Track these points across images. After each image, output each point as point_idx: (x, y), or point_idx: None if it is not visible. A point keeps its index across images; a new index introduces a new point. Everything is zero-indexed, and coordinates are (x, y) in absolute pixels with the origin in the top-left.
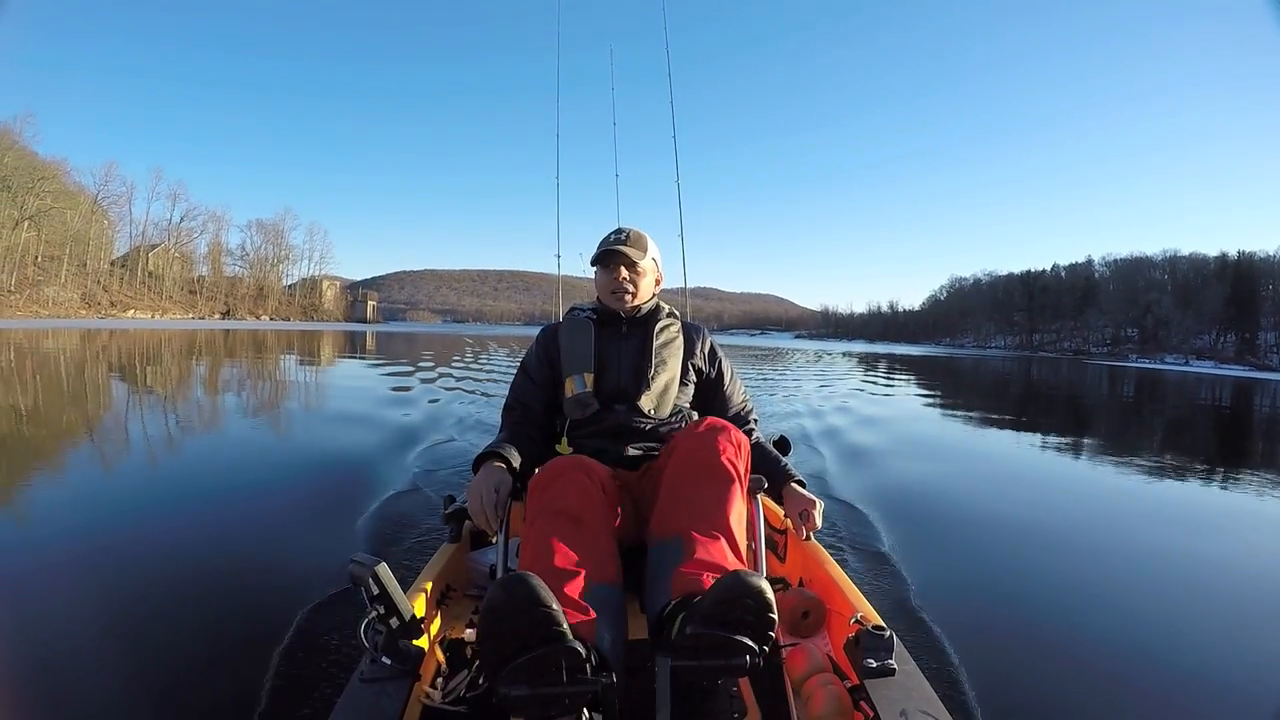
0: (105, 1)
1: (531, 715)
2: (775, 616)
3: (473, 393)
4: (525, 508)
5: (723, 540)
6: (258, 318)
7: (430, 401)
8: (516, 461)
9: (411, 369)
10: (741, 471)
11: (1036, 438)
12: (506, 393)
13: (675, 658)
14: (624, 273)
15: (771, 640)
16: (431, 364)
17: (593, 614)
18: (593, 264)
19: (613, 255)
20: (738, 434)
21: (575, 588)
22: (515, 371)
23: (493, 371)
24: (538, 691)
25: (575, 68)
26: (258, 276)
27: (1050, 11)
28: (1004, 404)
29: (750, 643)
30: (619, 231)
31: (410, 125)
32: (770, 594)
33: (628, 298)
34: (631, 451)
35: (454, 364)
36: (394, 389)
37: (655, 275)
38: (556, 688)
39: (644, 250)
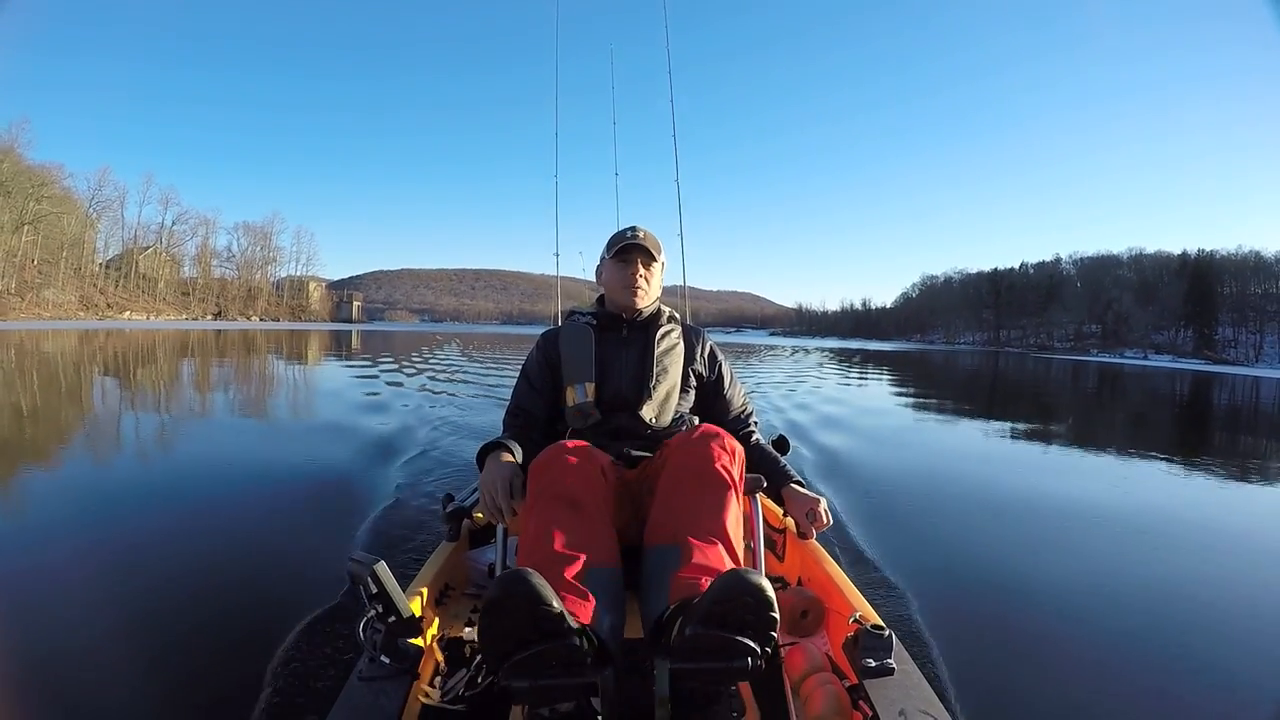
0: (95, 20)
1: (533, 704)
2: (776, 615)
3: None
4: (525, 495)
5: (720, 545)
6: (248, 318)
7: (404, 396)
8: (519, 456)
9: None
10: (736, 477)
11: (992, 424)
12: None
13: (674, 660)
14: (641, 269)
15: (773, 641)
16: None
17: (592, 599)
18: (607, 258)
19: (633, 249)
20: (731, 440)
21: (574, 571)
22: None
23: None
24: (538, 683)
25: (564, 73)
26: (246, 278)
27: (1024, 17)
28: (962, 394)
29: (751, 644)
30: (634, 229)
31: (388, 129)
32: (770, 591)
33: (640, 294)
34: (631, 452)
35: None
36: (387, 383)
37: (660, 278)
38: (556, 679)
39: (659, 251)
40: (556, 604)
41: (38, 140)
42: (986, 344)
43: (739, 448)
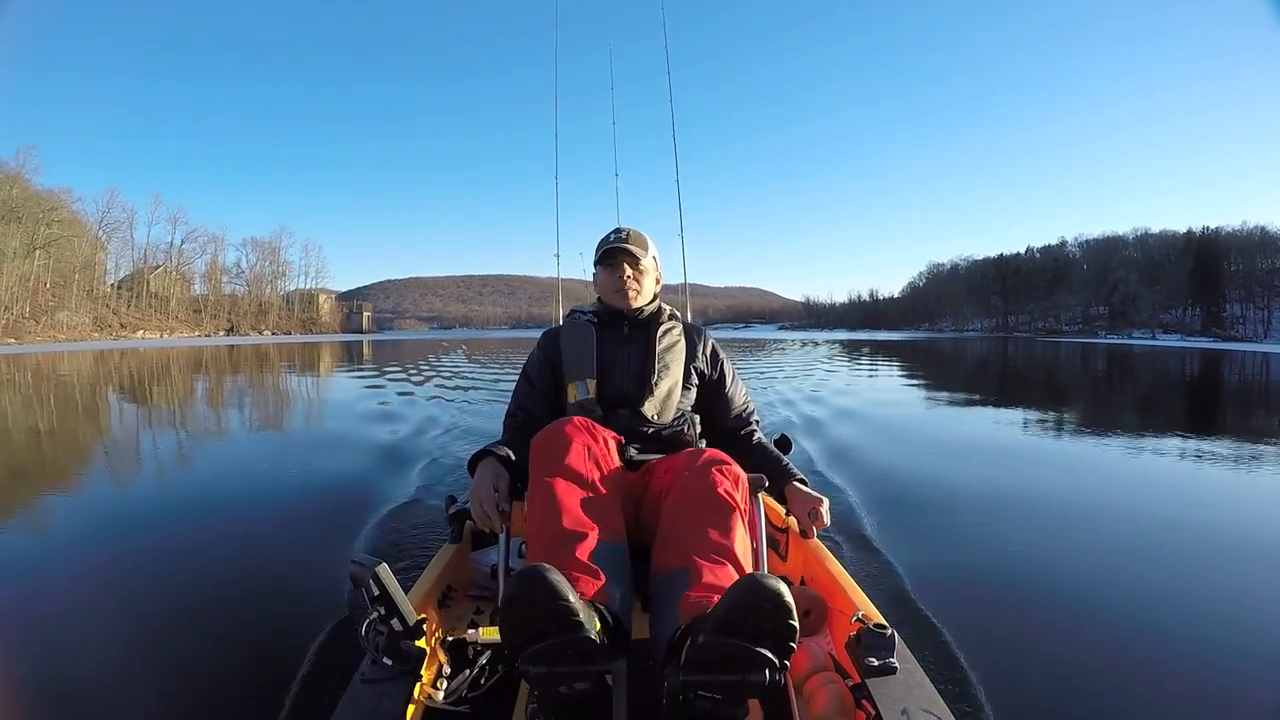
0: (96, 38)
1: (551, 687)
2: (795, 624)
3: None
4: (528, 477)
5: (729, 566)
6: (260, 333)
7: (405, 395)
8: (511, 460)
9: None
10: (740, 501)
11: (1003, 411)
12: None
13: (686, 673)
14: (628, 270)
15: (792, 652)
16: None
17: (603, 577)
18: (596, 263)
19: (617, 253)
20: (734, 467)
21: (585, 549)
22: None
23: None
24: (555, 670)
25: (565, 75)
26: (256, 293)
27: (1022, 5)
28: (971, 382)
29: (769, 654)
30: (618, 231)
31: (389, 137)
32: (789, 598)
33: (632, 295)
34: (634, 453)
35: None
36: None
37: (655, 274)
38: (572, 666)
39: (645, 249)
40: (573, 598)
41: (45, 165)
42: (994, 330)
43: (742, 476)
